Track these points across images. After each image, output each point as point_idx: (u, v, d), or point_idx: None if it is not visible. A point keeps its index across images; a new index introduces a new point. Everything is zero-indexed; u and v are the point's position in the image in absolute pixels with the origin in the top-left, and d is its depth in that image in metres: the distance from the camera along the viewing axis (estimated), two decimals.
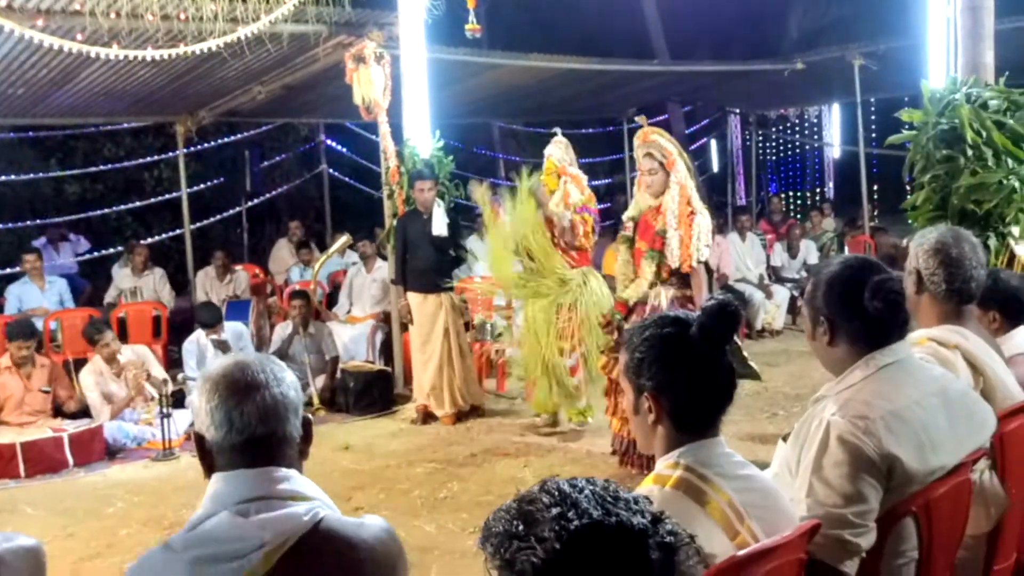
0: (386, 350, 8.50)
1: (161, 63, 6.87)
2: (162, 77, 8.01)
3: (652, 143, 5.30)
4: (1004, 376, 2.76)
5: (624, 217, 5.55)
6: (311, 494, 1.74)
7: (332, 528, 1.69)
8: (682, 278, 5.26)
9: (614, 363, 5.08)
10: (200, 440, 1.76)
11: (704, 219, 5.19)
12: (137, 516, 5.38)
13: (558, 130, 6.64)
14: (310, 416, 1.85)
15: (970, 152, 4.67)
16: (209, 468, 1.76)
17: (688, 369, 1.89)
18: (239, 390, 1.72)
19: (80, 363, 7.28)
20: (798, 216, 15.49)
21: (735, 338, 1.95)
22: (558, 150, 6.47)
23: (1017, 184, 4.62)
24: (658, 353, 1.92)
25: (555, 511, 1.19)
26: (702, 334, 1.88)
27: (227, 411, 1.71)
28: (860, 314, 2.24)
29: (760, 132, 17.88)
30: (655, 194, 5.30)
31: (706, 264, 5.42)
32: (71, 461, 6.35)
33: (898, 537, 2.16)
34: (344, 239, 9.01)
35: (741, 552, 1.75)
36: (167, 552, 1.65)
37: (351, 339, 8.52)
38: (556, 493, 1.23)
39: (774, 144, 20.21)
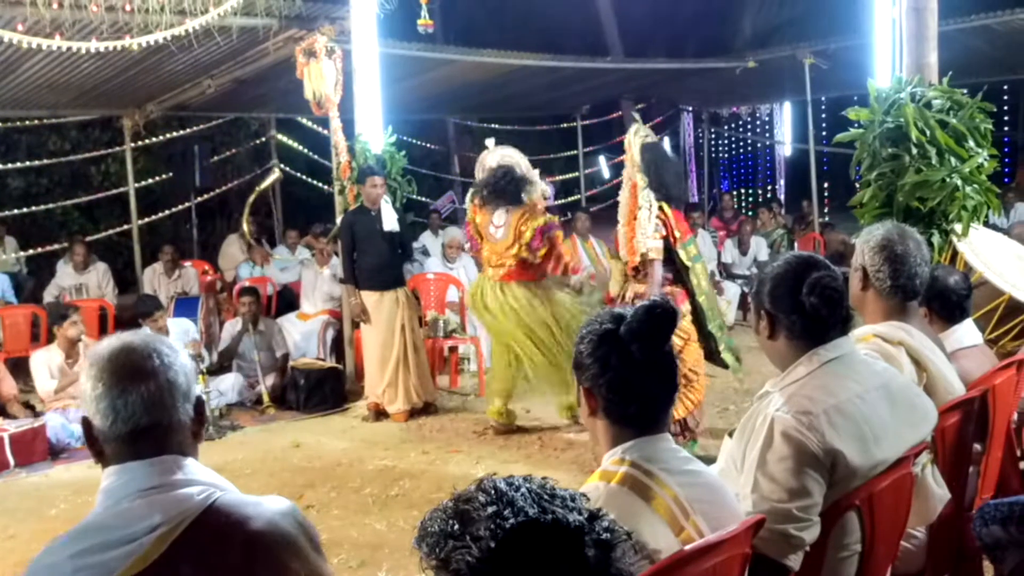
0: (337, 347, 8.43)
1: (106, 55, 6.76)
2: (108, 70, 7.87)
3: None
4: (947, 371, 2.81)
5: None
6: (207, 480, 1.70)
7: (226, 507, 1.65)
8: (644, 276, 5.37)
9: None
10: (88, 426, 1.70)
11: (644, 213, 5.29)
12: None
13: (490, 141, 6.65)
14: (202, 396, 1.80)
15: (915, 150, 4.73)
16: (99, 454, 1.70)
17: (618, 368, 1.88)
18: (123, 378, 1.66)
19: (22, 362, 7.11)
20: (750, 213, 15.65)
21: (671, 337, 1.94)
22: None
23: (959, 182, 4.69)
24: (592, 350, 1.92)
25: (491, 509, 1.19)
26: (630, 336, 1.87)
27: (111, 400, 1.66)
28: (798, 309, 2.27)
29: (713, 130, 18.04)
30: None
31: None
32: (12, 462, 6.19)
33: (842, 531, 2.18)
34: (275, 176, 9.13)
35: (686, 547, 1.75)
36: (48, 554, 1.61)
37: (302, 336, 8.43)
38: (492, 491, 1.22)
39: (726, 142, 20.40)
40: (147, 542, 1.56)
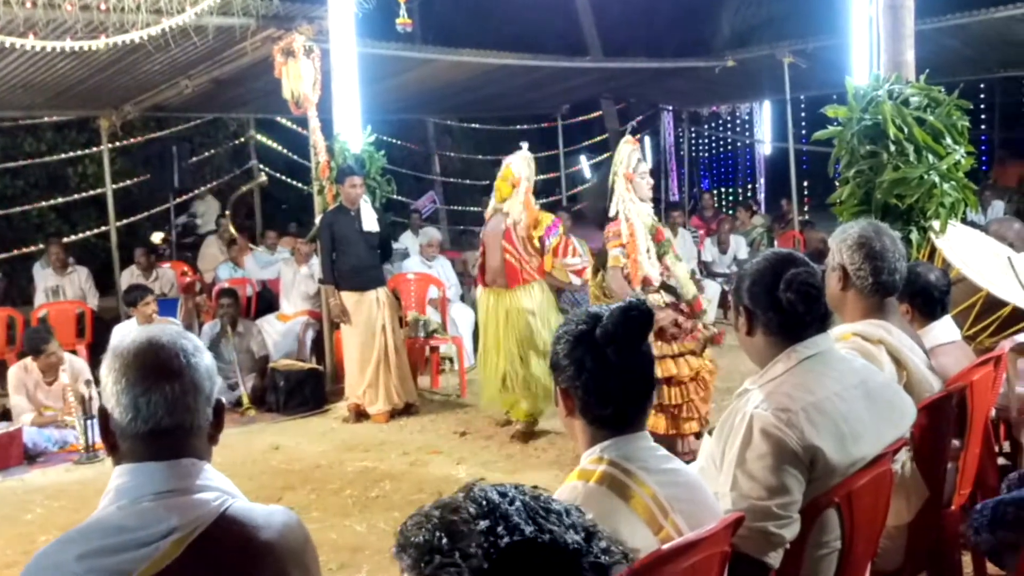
0: (317, 348, 8.39)
1: (81, 55, 6.69)
2: (83, 70, 7.79)
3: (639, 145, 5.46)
4: (925, 369, 2.82)
5: (648, 226, 5.45)
6: (222, 487, 1.69)
7: (239, 515, 1.64)
8: None
9: None
10: (105, 417, 1.67)
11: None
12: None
13: (524, 144, 6.57)
14: (223, 400, 1.78)
15: (892, 148, 4.74)
16: (112, 447, 1.68)
17: (593, 370, 1.87)
18: (148, 375, 1.64)
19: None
20: (730, 212, 15.70)
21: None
22: (521, 163, 6.37)
23: (937, 179, 4.70)
24: (568, 351, 1.90)
25: (483, 524, 1.10)
26: (605, 338, 1.86)
27: (133, 397, 1.63)
28: (775, 306, 2.26)
29: (693, 129, 18.07)
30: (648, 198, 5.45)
31: None
32: None
33: (821, 528, 2.17)
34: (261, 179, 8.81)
35: (665, 546, 1.74)
36: (52, 553, 1.57)
37: (281, 337, 8.39)
38: (484, 503, 1.13)
39: (706, 141, 20.47)
40: (163, 546, 1.54)
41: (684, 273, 5.51)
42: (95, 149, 11.57)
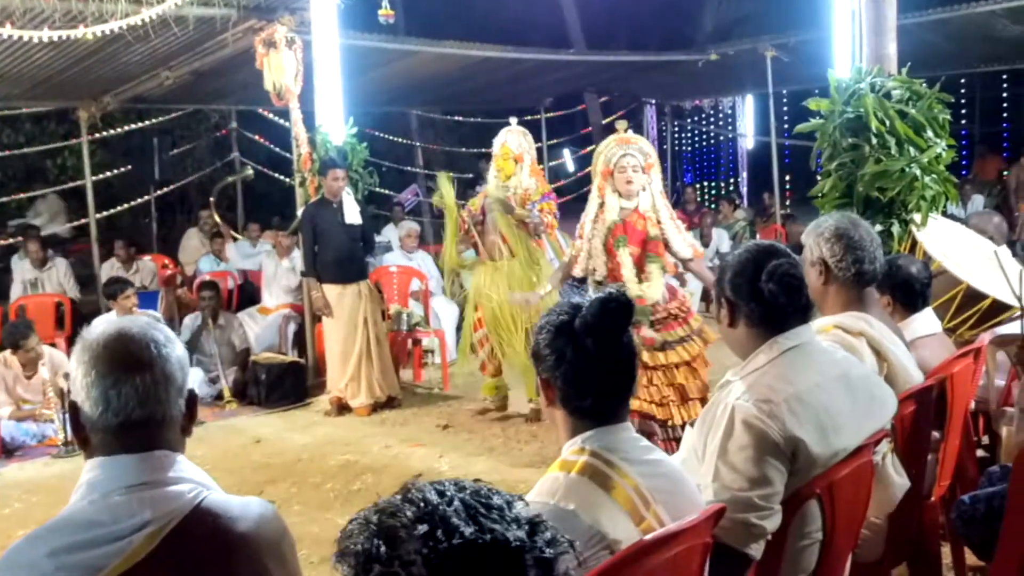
0: (299, 341, 8.35)
1: (60, 45, 6.61)
2: (62, 60, 7.70)
3: (634, 144, 5.22)
4: (906, 361, 2.82)
5: (609, 220, 5.23)
6: (196, 478, 1.66)
7: (214, 507, 1.61)
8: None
9: None
10: (76, 410, 1.63)
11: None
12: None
13: (514, 120, 6.60)
14: (195, 391, 1.75)
15: (874, 140, 4.76)
16: (84, 442, 1.64)
17: (573, 360, 1.86)
18: (117, 367, 1.60)
19: None
20: (712, 206, 15.73)
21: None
22: (518, 137, 6.43)
23: (918, 172, 4.72)
24: (548, 341, 1.90)
25: (422, 529, 1.07)
26: (584, 329, 1.85)
27: (103, 389, 1.59)
28: (757, 297, 2.26)
29: (675, 123, 18.10)
30: (632, 195, 5.17)
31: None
32: None
33: (803, 519, 2.18)
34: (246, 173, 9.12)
35: (647, 537, 1.73)
36: (22, 551, 1.53)
37: (263, 330, 8.35)
38: (422, 505, 1.10)
39: (689, 135, 20.49)
40: (136, 540, 1.51)
41: (655, 275, 5.35)
42: (74, 141, 11.45)
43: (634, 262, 5.15)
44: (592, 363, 1.86)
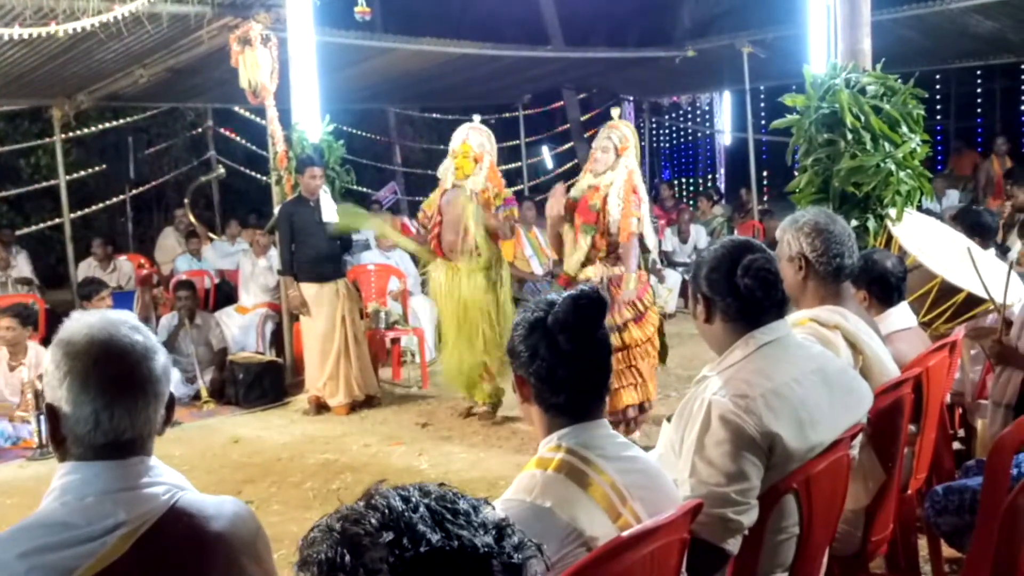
0: (276, 340, 8.30)
1: (32, 42, 6.54)
2: (34, 57, 7.62)
3: (615, 129, 5.60)
4: (882, 354, 2.83)
5: (572, 196, 5.64)
6: (171, 480, 1.64)
7: (189, 507, 1.60)
8: (616, 258, 5.46)
9: None
10: (53, 413, 1.58)
11: (644, 202, 5.55)
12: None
13: (477, 117, 6.49)
14: (174, 394, 1.70)
15: (850, 136, 4.78)
16: (59, 445, 1.60)
17: (546, 357, 1.86)
18: (111, 386, 1.55)
19: None
20: (690, 202, 15.79)
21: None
22: (480, 136, 6.32)
23: (893, 167, 4.75)
24: (522, 337, 1.89)
25: (387, 537, 1.03)
26: (556, 326, 1.85)
27: (94, 409, 1.55)
28: (733, 292, 2.26)
29: (653, 119, 18.15)
30: (598, 172, 5.52)
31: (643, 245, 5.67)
32: None
33: (779, 514, 2.18)
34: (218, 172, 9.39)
35: (624, 533, 1.73)
36: None
37: (240, 329, 8.29)
38: (386, 511, 1.07)
39: (667, 131, 20.54)
40: (109, 541, 1.49)
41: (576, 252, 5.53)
42: (48, 140, 11.34)
43: (575, 236, 5.47)
44: (565, 360, 1.85)
